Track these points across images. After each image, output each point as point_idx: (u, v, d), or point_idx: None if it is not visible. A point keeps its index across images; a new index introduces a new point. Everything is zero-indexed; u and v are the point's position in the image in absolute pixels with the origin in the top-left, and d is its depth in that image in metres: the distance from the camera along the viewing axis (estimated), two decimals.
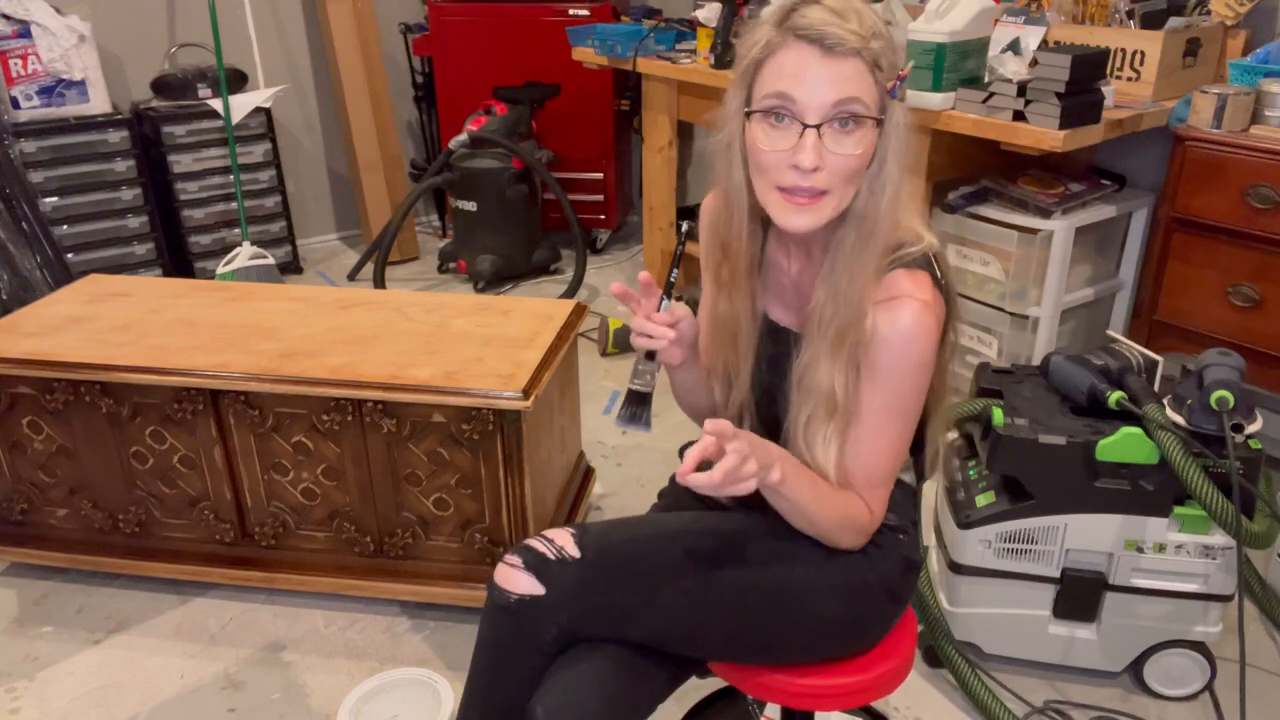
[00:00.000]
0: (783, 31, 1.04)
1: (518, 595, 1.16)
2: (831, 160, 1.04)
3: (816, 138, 1.03)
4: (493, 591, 1.19)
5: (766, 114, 1.05)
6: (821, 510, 1.16)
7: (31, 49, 3.23)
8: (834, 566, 1.22)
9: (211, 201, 3.72)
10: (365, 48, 3.94)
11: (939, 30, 2.29)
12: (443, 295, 2.35)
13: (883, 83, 1.04)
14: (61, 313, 2.17)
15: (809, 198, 1.06)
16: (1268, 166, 2.13)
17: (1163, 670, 1.81)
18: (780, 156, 1.05)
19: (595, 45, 3.27)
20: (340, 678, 1.92)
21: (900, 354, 1.10)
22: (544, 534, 1.21)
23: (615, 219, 4.25)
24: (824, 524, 1.17)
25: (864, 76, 1.02)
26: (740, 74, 1.09)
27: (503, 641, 1.19)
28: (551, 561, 1.17)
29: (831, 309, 1.12)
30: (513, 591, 1.17)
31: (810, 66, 1.02)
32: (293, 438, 1.95)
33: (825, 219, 1.08)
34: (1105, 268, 2.70)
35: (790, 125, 1.04)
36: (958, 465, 1.90)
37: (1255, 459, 1.60)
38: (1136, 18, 2.47)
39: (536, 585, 1.16)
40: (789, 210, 1.07)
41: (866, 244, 1.09)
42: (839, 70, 1.01)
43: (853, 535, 1.20)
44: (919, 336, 1.10)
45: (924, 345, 1.10)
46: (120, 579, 2.19)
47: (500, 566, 1.20)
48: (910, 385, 1.13)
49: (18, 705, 1.86)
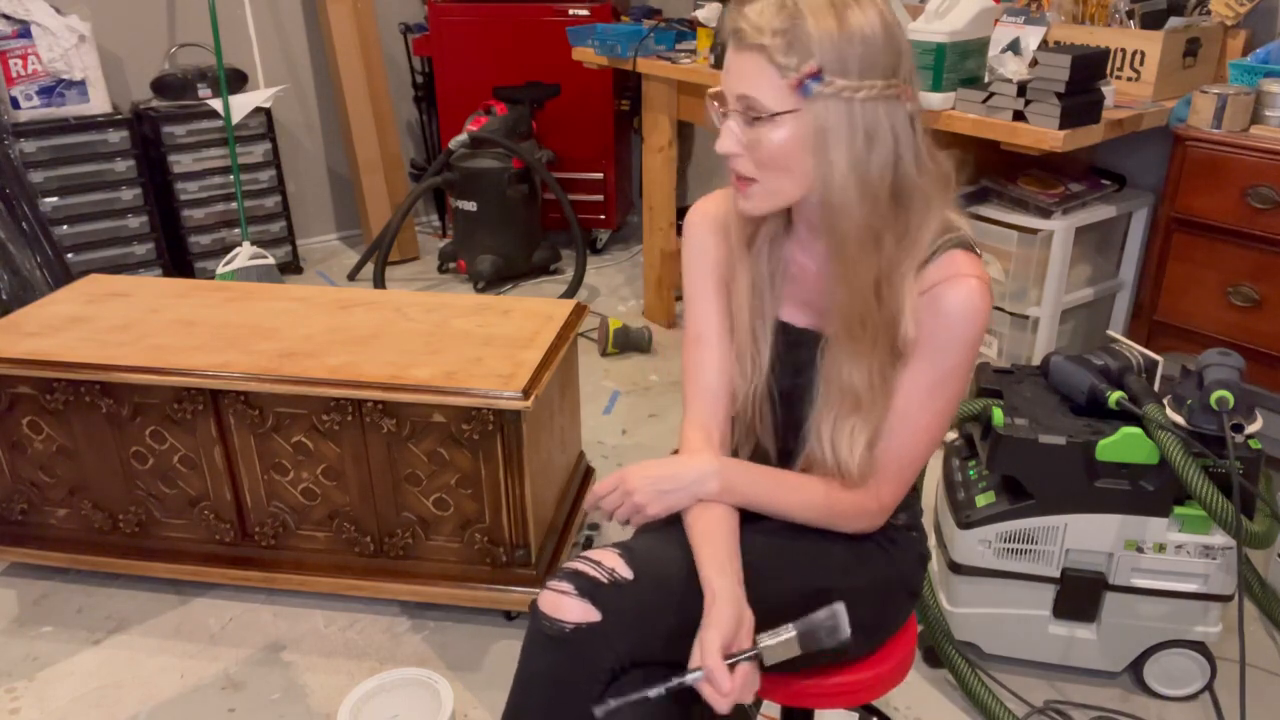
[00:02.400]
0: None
1: (573, 624, 1.09)
2: (747, 148, 1.08)
3: (730, 125, 1.08)
4: (541, 621, 1.11)
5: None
6: (793, 505, 1.18)
7: (31, 49, 3.23)
8: (862, 571, 1.22)
9: (211, 201, 3.72)
10: (365, 48, 3.94)
11: (939, 30, 2.29)
12: (443, 295, 2.35)
13: (789, 78, 1.03)
14: (61, 313, 2.17)
15: (743, 181, 1.11)
16: (1268, 166, 2.13)
17: (1163, 670, 1.81)
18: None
19: (595, 45, 3.27)
20: (340, 678, 1.92)
21: (958, 332, 1.10)
22: (587, 556, 1.14)
23: (615, 219, 4.25)
24: (809, 516, 1.19)
25: (766, 72, 1.04)
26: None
27: (559, 675, 1.10)
28: (605, 585, 1.10)
29: (837, 300, 1.12)
30: (566, 620, 1.09)
31: (730, 60, 1.07)
32: (293, 438, 1.95)
33: (765, 206, 1.12)
34: (1105, 268, 2.70)
35: (718, 116, 1.10)
36: (958, 465, 1.90)
37: (1255, 459, 1.60)
38: (1136, 18, 2.47)
39: (592, 612, 1.09)
40: (736, 195, 1.13)
41: (839, 246, 1.09)
42: (744, 64, 1.05)
43: (855, 521, 1.20)
44: (977, 314, 1.10)
45: (980, 324, 1.11)
46: (120, 579, 2.19)
47: (546, 594, 1.12)
48: (960, 363, 1.13)
49: (18, 705, 1.86)
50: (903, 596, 1.28)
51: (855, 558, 1.22)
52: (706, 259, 1.26)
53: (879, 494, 1.18)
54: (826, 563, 1.20)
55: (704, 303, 1.27)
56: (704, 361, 1.26)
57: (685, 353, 1.29)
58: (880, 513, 1.20)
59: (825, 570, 1.19)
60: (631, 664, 1.12)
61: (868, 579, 1.22)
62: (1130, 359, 1.76)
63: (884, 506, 1.20)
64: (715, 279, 1.26)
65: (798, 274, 1.22)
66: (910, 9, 2.68)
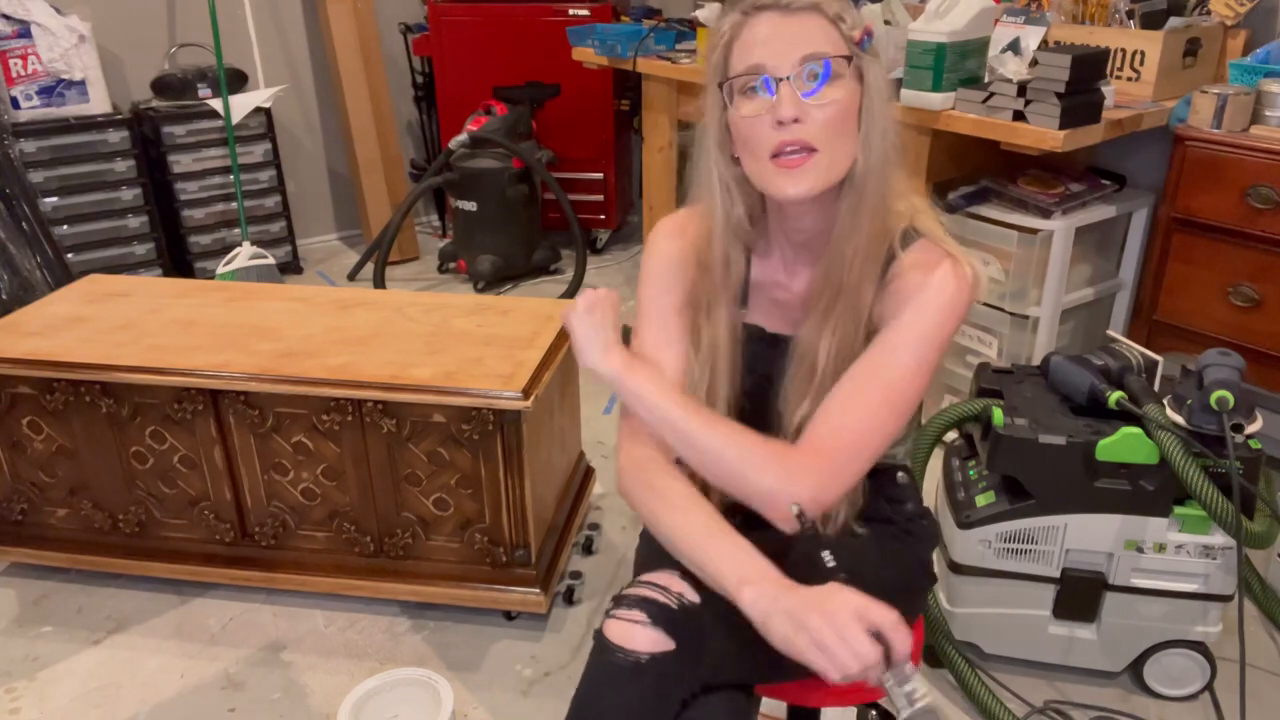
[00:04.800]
0: (742, 11, 1.08)
1: (648, 654, 1.04)
2: (811, 112, 1.04)
3: (791, 90, 1.04)
4: (613, 653, 1.06)
5: (743, 88, 1.07)
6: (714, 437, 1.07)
7: (31, 49, 3.23)
8: (891, 566, 1.22)
9: (211, 201, 3.72)
10: (365, 48, 3.94)
11: (939, 30, 2.29)
12: (443, 295, 2.35)
13: (848, 34, 1.06)
14: (61, 313, 2.17)
15: (799, 156, 1.05)
16: (1268, 166, 2.13)
17: (1163, 670, 1.81)
18: (763, 120, 1.05)
19: (595, 45, 3.27)
20: (340, 678, 1.92)
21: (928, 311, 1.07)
22: (650, 580, 1.09)
23: (615, 219, 4.25)
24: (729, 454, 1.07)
25: (826, 29, 1.05)
26: (713, 68, 1.11)
27: (634, 708, 1.05)
28: (675, 611, 1.06)
29: (829, 276, 1.11)
30: (641, 651, 1.04)
31: (775, 29, 1.05)
32: (293, 438, 1.95)
33: (821, 183, 1.06)
34: (1105, 268, 2.70)
35: (766, 89, 1.05)
36: (958, 465, 1.90)
37: (1255, 459, 1.60)
38: (1136, 18, 2.47)
39: (665, 640, 1.05)
40: (784, 177, 1.05)
41: (858, 213, 1.09)
42: (800, 26, 1.04)
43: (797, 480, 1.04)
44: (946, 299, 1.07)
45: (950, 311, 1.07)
46: (120, 579, 2.19)
47: (615, 623, 1.07)
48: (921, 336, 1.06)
49: (18, 705, 1.86)
50: (923, 582, 1.30)
51: (882, 555, 1.21)
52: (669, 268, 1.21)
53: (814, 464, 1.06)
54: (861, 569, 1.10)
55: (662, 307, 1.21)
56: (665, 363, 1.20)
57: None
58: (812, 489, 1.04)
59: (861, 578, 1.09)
60: (702, 690, 1.09)
61: (896, 573, 1.22)
62: (1130, 359, 1.76)
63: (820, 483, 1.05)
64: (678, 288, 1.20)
65: (770, 292, 1.20)
66: (910, 9, 2.68)
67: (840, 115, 1.05)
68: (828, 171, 1.06)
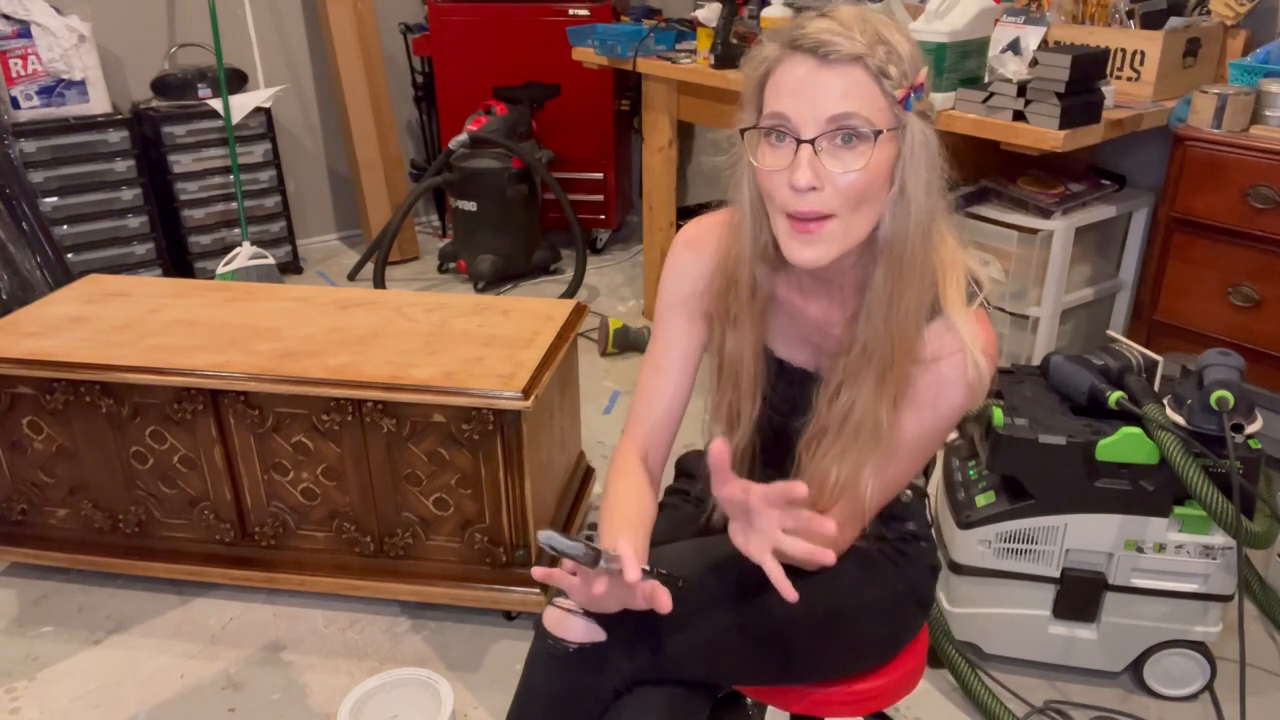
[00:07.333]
0: (784, 45, 0.99)
1: (577, 643, 1.07)
2: (833, 179, 0.96)
3: (812, 154, 0.96)
4: (546, 640, 1.09)
5: (766, 133, 1.00)
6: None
7: (31, 49, 3.23)
8: (871, 585, 1.20)
9: (211, 201, 3.72)
10: (365, 48, 3.94)
11: (939, 30, 2.29)
12: (443, 295, 2.35)
13: (890, 92, 0.96)
14: (61, 313, 2.17)
15: (812, 222, 0.98)
16: (1268, 166, 2.13)
17: (1163, 670, 1.81)
18: (780, 177, 0.98)
19: (595, 45, 3.27)
20: (340, 678, 1.92)
21: (957, 402, 1.07)
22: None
23: (615, 219, 4.25)
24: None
25: (866, 85, 0.95)
26: (749, 94, 1.04)
27: (560, 694, 1.09)
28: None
29: (871, 349, 1.05)
30: (570, 640, 1.08)
31: (807, 79, 0.96)
32: (293, 438, 1.95)
33: (835, 250, 1.00)
34: (1105, 268, 2.70)
35: (788, 143, 0.97)
36: (958, 465, 1.90)
37: (1255, 459, 1.60)
38: (1136, 18, 2.47)
39: (597, 631, 1.07)
40: (795, 241, 1.00)
41: (899, 279, 1.02)
42: (837, 80, 0.95)
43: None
44: (975, 393, 1.06)
45: (976, 399, 1.07)
46: (120, 579, 2.19)
47: (551, 611, 1.10)
48: (949, 426, 1.11)
49: (18, 705, 1.86)
50: (913, 609, 1.25)
51: (864, 573, 1.20)
52: (683, 289, 1.20)
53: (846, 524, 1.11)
54: (836, 585, 1.16)
55: (671, 330, 1.22)
56: (658, 390, 1.22)
57: (642, 374, 1.25)
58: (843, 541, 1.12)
59: (835, 592, 1.16)
60: (635, 683, 1.10)
61: (878, 594, 1.20)
62: (1130, 359, 1.76)
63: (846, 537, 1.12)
64: (689, 310, 1.20)
65: (788, 313, 1.17)
66: (910, 9, 2.68)
67: (865, 183, 0.97)
68: (843, 240, 1.00)
